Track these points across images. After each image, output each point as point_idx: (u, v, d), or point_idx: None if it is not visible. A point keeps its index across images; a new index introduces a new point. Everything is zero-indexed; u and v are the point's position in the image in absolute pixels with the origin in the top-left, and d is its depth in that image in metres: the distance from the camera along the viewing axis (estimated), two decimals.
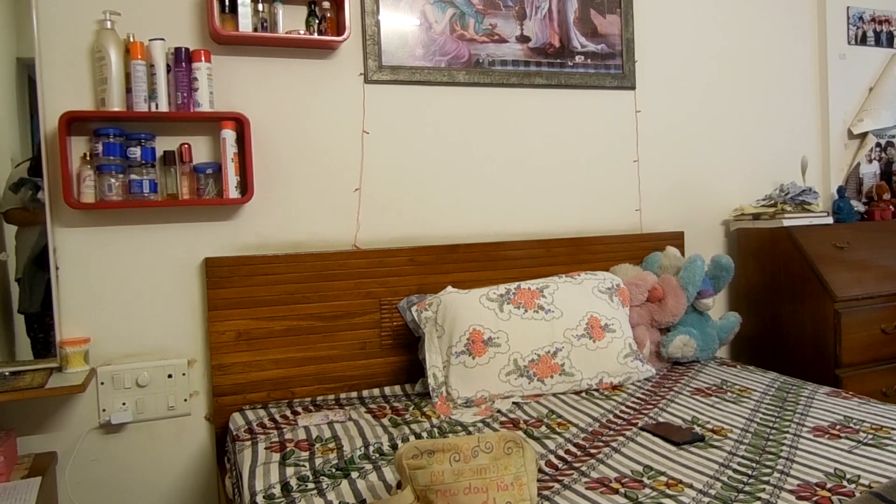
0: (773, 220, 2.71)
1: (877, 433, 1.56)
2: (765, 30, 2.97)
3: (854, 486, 1.28)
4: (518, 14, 2.50)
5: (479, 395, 1.95)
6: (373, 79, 2.29)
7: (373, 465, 1.50)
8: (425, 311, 2.11)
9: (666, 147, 2.78)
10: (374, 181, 2.31)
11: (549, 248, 2.49)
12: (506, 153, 2.50)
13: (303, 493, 1.36)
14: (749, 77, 2.94)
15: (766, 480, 1.33)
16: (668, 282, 2.34)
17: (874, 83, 3.17)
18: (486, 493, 1.16)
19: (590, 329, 2.09)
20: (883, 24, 3.19)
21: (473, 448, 1.20)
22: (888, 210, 2.99)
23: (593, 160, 2.65)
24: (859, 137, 3.14)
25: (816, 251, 2.56)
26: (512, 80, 2.49)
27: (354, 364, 2.20)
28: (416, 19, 2.35)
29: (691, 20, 2.82)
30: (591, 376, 2.04)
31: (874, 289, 2.52)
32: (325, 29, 2.16)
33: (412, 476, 1.17)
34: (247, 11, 2.02)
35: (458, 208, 2.44)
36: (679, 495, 1.29)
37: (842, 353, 2.43)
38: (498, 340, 2.01)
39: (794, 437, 1.57)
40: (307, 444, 1.65)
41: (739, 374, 2.18)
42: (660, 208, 2.77)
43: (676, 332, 2.32)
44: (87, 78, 1.96)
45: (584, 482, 1.37)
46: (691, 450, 1.52)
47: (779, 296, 2.66)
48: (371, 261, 2.23)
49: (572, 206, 2.61)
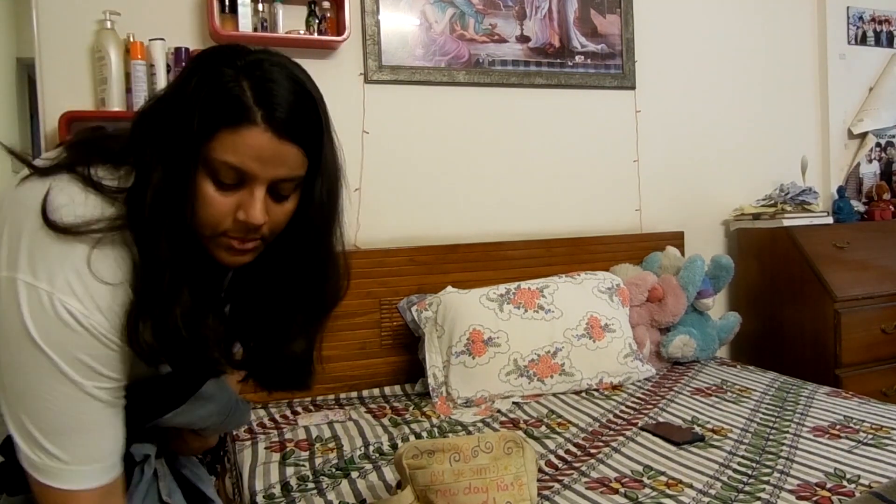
0: (773, 220, 2.71)
1: (877, 433, 1.56)
2: (765, 30, 2.97)
3: (854, 486, 1.28)
4: (518, 14, 2.50)
5: (479, 394, 1.95)
6: (373, 79, 2.29)
7: (373, 464, 1.50)
8: (425, 311, 2.10)
9: (666, 147, 2.78)
10: (374, 181, 2.31)
11: (549, 248, 2.48)
12: (506, 153, 2.50)
13: (303, 492, 1.36)
14: (749, 77, 2.94)
15: (766, 480, 1.33)
16: (668, 282, 2.34)
17: (874, 83, 3.17)
18: (486, 493, 1.16)
19: (590, 329, 2.09)
20: (883, 23, 3.19)
21: (473, 448, 1.20)
22: (888, 210, 2.99)
23: (593, 160, 2.64)
24: (859, 137, 3.14)
25: (816, 251, 2.56)
26: (512, 80, 2.49)
27: (354, 364, 2.20)
28: (416, 19, 2.35)
29: (691, 20, 2.82)
30: (591, 376, 2.04)
31: (874, 289, 2.52)
32: (325, 29, 2.16)
33: (412, 476, 1.17)
34: (247, 11, 2.02)
35: (459, 208, 2.44)
36: (679, 495, 1.29)
37: (842, 352, 2.42)
38: (498, 340, 2.01)
39: (794, 437, 1.57)
40: (307, 444, 1.65)
41: (739, 374, 2.18)
42: (660, 208, 2.77)
43: (676, 332, 2.32)
44: (87, 78, 1.96)
45: (584, 482, 1.37)
46: (691, 450, 1.52)
47: (779, 296, 2.66)
48: (371, 261, 2.23)
49: (572, 206, 2.61)
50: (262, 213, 0.78)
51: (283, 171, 0.78)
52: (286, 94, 0.77)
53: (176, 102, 0.77)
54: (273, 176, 0.78)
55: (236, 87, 0.75)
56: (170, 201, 0.75)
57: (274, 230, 0.83)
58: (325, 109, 0.83)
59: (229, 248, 0.81)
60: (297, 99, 0.78)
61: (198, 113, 0.74)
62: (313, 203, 0.84)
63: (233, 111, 0.74)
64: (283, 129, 0.76)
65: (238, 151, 0.75)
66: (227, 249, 0.81)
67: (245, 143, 0.75)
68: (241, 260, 0.83)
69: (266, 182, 0.78)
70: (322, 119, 0.82)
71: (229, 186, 0.77)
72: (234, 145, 0.74)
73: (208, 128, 0.74)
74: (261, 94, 0.75)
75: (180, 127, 0.75)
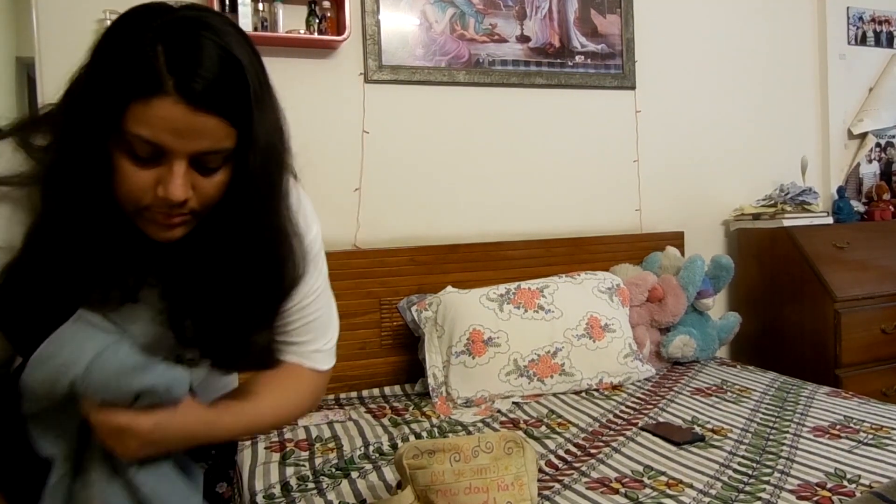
0: (773, 220, 2.71)
1: (877, 433, 1.56)
2: (765, 30, 2.97)
3: (854, 486, 1.28)
4: (518, 14, 2.50)
5: (479, 394, 1.95)
6: (373, 78, 2.29)
7: (373, 464, 1.50)
8: (425, 310, 2.10)
9: (666, 147, 2.77)
10: (374, 181, 2.31)
11: (549, 248, 2.48)
12: (506, 153, 2.50)
13: (303, 492, 1.36)
14: (749, 77, 2.94)
15: (766, 480, 1.33)
16: (668, 282, 2.34)
17: (874, 83, 3.17)
18: (486, 493, 1.15)
19: (590, 329, 2.09)
20: (883, 24, 3.19)
21: (474, 448, 1.20)
22: (888, 210, 2.99)
23: (593, 160, 2.64)
24: (859, 137, 3.14)
25: (816, 251, 2.56)
26: (512, 80, 2.49)
27: (354, 364, 2.19)
28: (416, 19, 2.35)
29: (691, 20, 2.82)
30: (591, 376, 2.04)
31: (874, 289, 2.52)
32: (325, 28, 2.16)
33: (412, 476, 1.17)
34: (247, 11, 2.02)
35: (459, 208, 2.43)
36: (679, 495, 1.28)
37: (842, 353, 2.42)
38: (498, 340, 2.01)
39: (794, 437, 1.57)
40: (307, 444, 1.65)
41: (739, 374, 2.18)
42: (660, 208, 2.77)
43: (676, 332, 2.32)
44: None
45: (585, 482, 1.37)
46: (691, 450, 1.52)
47: (779, 296, 2.66)
48: (371, 260, 2.23)
49: (572, 206, 2.61)
50: (182, 188, 0.73)
51: (205, 143, 0.72)
52: (206, 60, 0.70)
53: (91, 69, 0.73)
54: (192, 149, 0.72)
55: (150, 52, 0.69)
56: (77, 173, 0.72)
57: (205, 203, 0.77)
58: (256, 74, 0.75)
59: (155, 222, 0.76)
60: (219, 64, 0.71)
61: (109, 82, 0.70)
62: (245, 176, 0.77)
63: (143, 80, 0.68)
64: (200, 99, 0.70)
65: (150, 124, 0.69)
66: (153, 223, 0.76)
67: (157, 115, 0.69)
68: (170, 235, 0.78)
69: (185, 156, 0.72)
70: (250, 85, 0.73)
71: (147, 160, 0.72)
72: (145, 117, 0.69)
73: (120, 98, 0.69)
74: (175, 59, 0.69)
75: (92, 97, 0.71)
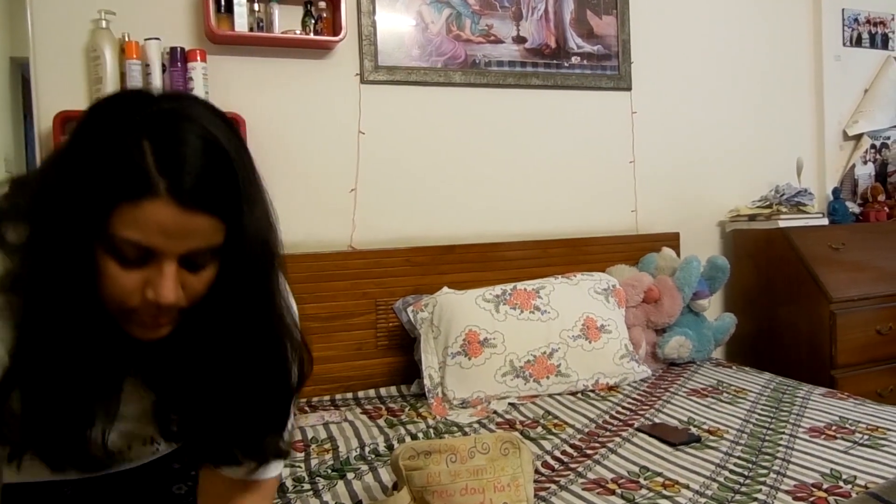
0: (769, 221, 2.71)
1: (872, 434, 1.57)
2: (760, 31, 2.97)
3: (850, 487, 1.28)
4: (514, 15, 2.50)
5: (475, 395, 1.95)
6: (369, 79, 2.28)
7: (369, 465, 1.50)
8: (421, 311, 2.10)
9: (662, 148, 2.78)
10: (370, 182, 2.30)
11: (546, 249, 2.48)
12: (502, 154, 2.50)
13: (298, 493, 1.36)
14: (745, 78, 2.94)
15: (762, 481, 1.33)
16: (664, 283, 2.34)
17: (869, 85, 3.18)
18: (482, 494, 1.15)
19: (586, 330, 2.09)
20: (878, 25, 3.20)
21: (470, 449, 1.20)
22: (883, 211, 3.00)
23: (589, 161, 2.65)
24: (854, 139, 3.15)
25: (812, 252, 2.57)
26: (508, 81, 2.49)
27: (350, 365, 2.19)
28: (412, 20, 2.35)
29: (687, 21, 2.82)
30: (587, 377, 2.04)
31: (869, 290, 2.52)
32: (321, 29, 2.16)
33: (408, 477, 1.16)
34: (243, 11, 2.02)
35: (455, 209, 2.43)
36: (675, 496, 1.28)
37: (837, 354, 2.43)
38: (494, 341, 2.01)
39: (790, 438, 1.57)
40: (303, 445, 1.64)
41: (735, 375, 2.18)
42: (656, 209, 2.77)
43: (672, 332, 2.32)
44: (81, 77, 1.95)
45: (581, 483, 1.37)
46: (687, 450, 1.52)
47: (774, 297, 2.67)
48: (367, 261, 2.23)
49: (568, 207, 2.61)
50: (174, 291, 0.70)
51: (196, 242, 0.69)
52: (195, 157, 0.67)
53: (71, 167, 0.68)
54: (184, 249, 0.69)
55: (136, 151, 0.65)
56: (59, 279, 0.68)
57: (193, 300, 0.74)
58: (243, 163, 0.72)
59: (141, 324, 0.73)
60: (208, 161, 0.68)
61: (94, 182, 0.66)
62: (235, 271, 0.74)
63: (132, 182, 0.65)
64: (192, 199, 0.66)
65: (141, 227, 0.66)
66: (139, 325, 0.73)
67: (148, 219, 0.66)
68: (156, 334, 0.75)
69: (176, 256, 0.69)
70: (239, 179, 0.71)
71: (134, 262, 0.68)
72: (135, 220, 0.66)
73: (107, 200, 0.65)
74: (164, 158, 0.66)
75: (75, 197, 0.66)
